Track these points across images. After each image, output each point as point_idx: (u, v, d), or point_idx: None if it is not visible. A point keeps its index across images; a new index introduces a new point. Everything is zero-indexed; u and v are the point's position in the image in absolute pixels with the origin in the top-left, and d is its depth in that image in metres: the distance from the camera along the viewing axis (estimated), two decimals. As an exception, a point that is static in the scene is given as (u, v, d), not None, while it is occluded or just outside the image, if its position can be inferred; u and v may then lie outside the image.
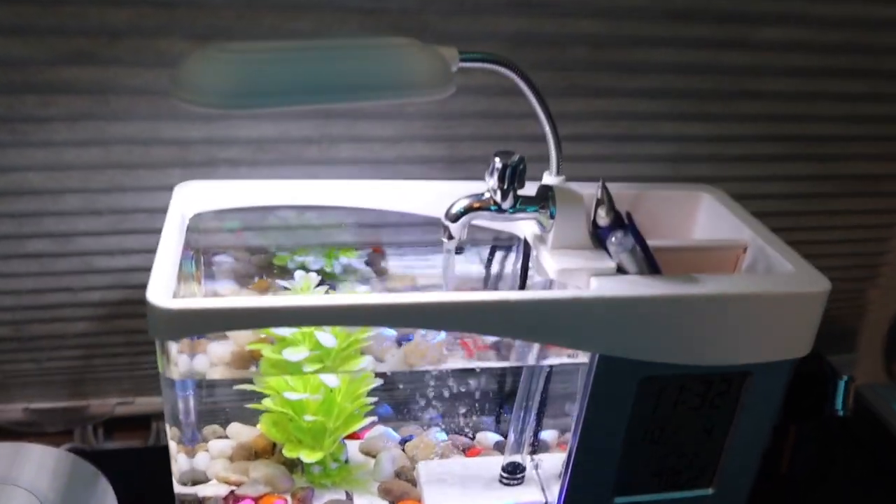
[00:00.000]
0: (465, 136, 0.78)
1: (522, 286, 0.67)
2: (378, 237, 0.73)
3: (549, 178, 0.64)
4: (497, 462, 0.69)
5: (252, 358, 0.59)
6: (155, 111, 0.70)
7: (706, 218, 0.71)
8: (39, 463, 0.69)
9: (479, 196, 0.59)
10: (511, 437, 0.68)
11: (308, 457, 0.64)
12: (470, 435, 0.74)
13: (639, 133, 0.82)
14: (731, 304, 0.56)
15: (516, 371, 0.68)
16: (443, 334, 0.68)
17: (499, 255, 0.71)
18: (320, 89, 0.48)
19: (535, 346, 0.62)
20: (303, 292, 0.64)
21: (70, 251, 0.75)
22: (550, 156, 0.64)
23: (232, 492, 0.65)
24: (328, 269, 0.69)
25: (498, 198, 0.58)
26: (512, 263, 0.71)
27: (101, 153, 0.71)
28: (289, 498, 0.65)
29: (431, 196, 0.68)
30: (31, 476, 0.68)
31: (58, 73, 0.67)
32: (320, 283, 0.66)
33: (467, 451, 0.73)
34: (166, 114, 0.70)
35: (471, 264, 0.71)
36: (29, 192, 0.72)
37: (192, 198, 0.66)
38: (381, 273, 0.72)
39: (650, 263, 0.58)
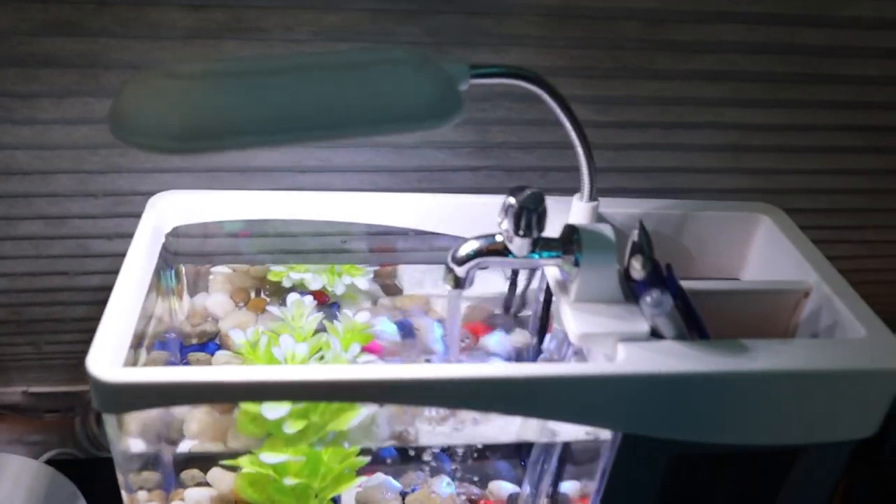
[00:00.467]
0: (495, 119, 0.69)
1: (543, 325, 0.58)
2: (386, 254, 0.66)
3: (580, 205, 0.55)
4: None
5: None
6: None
7: (763, 247, 0.61)
8: (16, 479, 0.65)
9: (490, 239, 0.50)
10: (526, 489, 0.61)
11: None
12: (481, 484, 0.66)
13: (696, 120, 0.72)
14: (786, 381, 0.47)
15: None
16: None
17: (524, 274, 0.63)
18: (293, 125, 0.38)
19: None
20: (295, 322, 0.57)
21: (65, 234, 0.70)
22: (582, 179, 0.55)
23: None
24: (329, 288, 0.62)
25: (513, 246, 0.49)
26: (537, 284, 0.63)
27: (91, 132, 0.65)
28: None
29: (447, 210, 0.60)
30: (5, 495, 0.64)
31: (40, 44, 0.60)
32: (322, 304, 0.59)
33: (478, 503, 0.66)
34: (162, 92, 0.63)
35: (493, 275, 0.64)
36: (17, 173, 0.66)
37: (168, 210, 0.59)
38: (392, 291, 0.65)
39: (692, 325, 0.49)
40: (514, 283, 0.63)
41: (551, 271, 0.53)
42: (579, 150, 0.53)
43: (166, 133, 0.37)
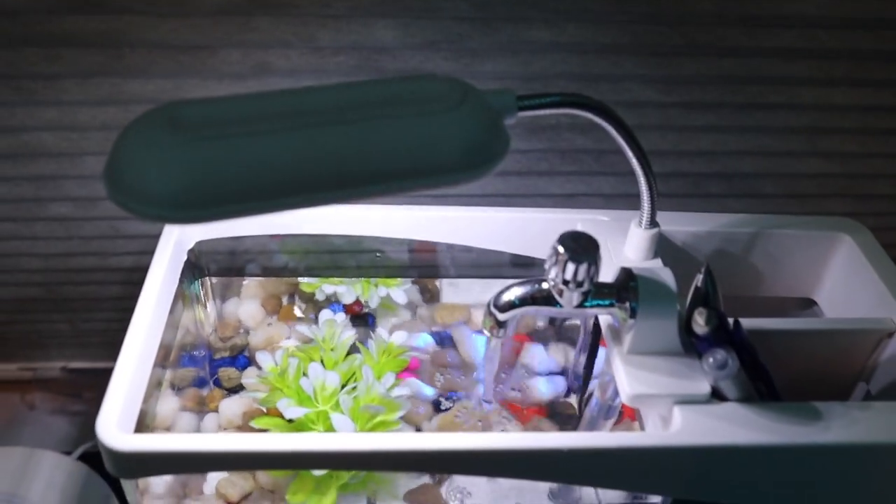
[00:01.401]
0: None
1: (594, 343, 0.54)
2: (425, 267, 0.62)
3: (638, 232, 0.50)
4: None
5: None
6: (176, 67, 0.60)
7: (843, 269, 0.56)
8: (49, 478, 0.65)
9: (536, 286, 0.44)
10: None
11: None
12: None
13: (770, 101, 0.65)
14: (861, 454, 0.42)
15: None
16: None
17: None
18: (308, 187, 0.33)
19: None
20: (326, 343, 0.54)
21: (95, 216, 0.68)
22: (643, 205, 0.50)
23: None
24: (364, 299, 0.58)
25: (562, 298, 0.43)
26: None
27: (118, 113, 0.62)
28: None
29: (487, 226, 0.56)
30: (38, 494, 0.63)
31: (62, 23, 0.56)
32: (357, 316, 0.55)
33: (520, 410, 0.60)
34: (189, 70, 0.59)
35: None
36: (44, 155, 0.63)
37: (190, 227, 0.55)
38: (432, 299, 0.61)
39: (761, 380, 0.44)
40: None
41: (604, 317, 0.48)
42: (641, 179, 0.47)
43: (166, 200, 0.32)
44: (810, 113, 0.67)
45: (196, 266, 0.57)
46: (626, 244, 0.51)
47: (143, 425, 0.44)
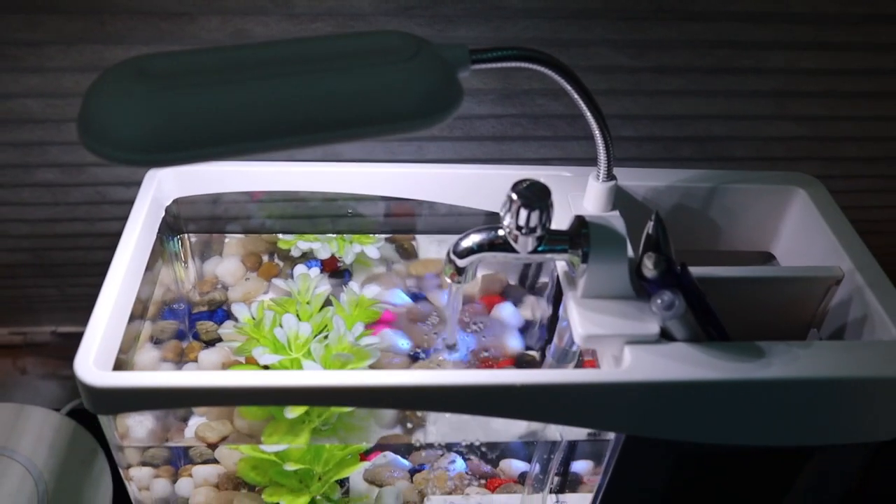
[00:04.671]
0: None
1: (558, 297, 0.56)
2: (399, 222, 0.63)
3: (595, 185, 0.52)
4: (517, 501, 0.60)
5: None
6: (157, 34, 0.61)
7: (797, 222, 0.57)
8: (38, 432, 0.67)
9: (493, 233, 0.46)
10: (535, 467, 0.59)
11: (290, 503, 0.55)
12: (493, 463, 0.65)
13: (738, 65, 0.67)
14: (804, 388, 0.44)
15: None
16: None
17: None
18: (271, 133, 0.35)
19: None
20: (301, 296, 0.56)
21: (81, 182, 0.69)
22: (599, 158, 0.51)
23: None
24: (338, 256, 0.60)
25: (517, 244, 0.45)
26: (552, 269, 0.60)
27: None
28: None
29: (458, 183, 0.57)
30: (28, 448, 0.65)
31: (42, -11, 0.58)
32: (334, 272, 0.57)
33: (488, 481, 0.64)
34: (169, 36, 0.61)
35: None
36: (29, 121, 0.65)
37: (167, 183, 0.57)
38: (408, 256, 0.62)
39: (709, 323, 0.46)
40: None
41: (560, 263, 0.50)
42: (595, 130, 0.49)
43: (136, 145, 0.34)
44: (778, 77, 0.68)
45: (175, 224, 0.59)
46: (584, 197, 0.53)
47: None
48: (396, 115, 0.37)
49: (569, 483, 0.61)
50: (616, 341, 0.45)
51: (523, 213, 0.43)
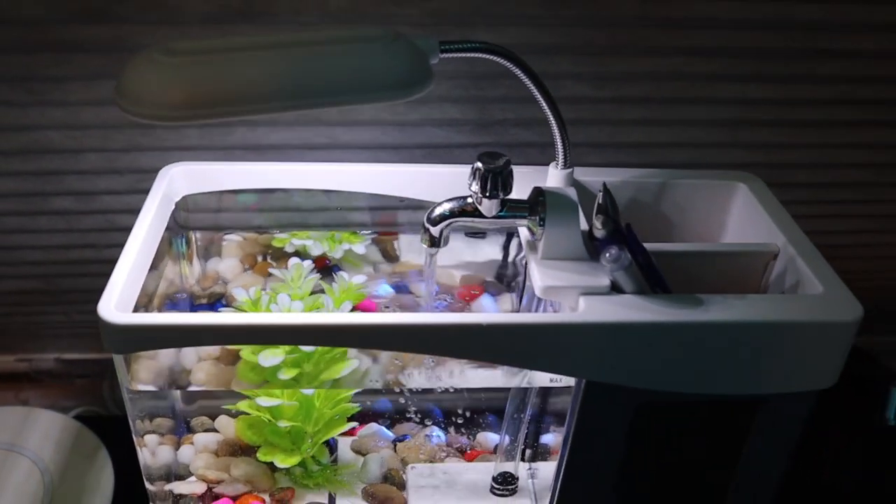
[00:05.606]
0: (495, 97, 0.72)
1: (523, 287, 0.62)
2: (386, 222, 0.70)
3: (555, 172, 0.58)
4: (492, 469, 0.66)
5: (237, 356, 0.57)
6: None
7: (740, 213, 0.63)
8: (45, 431, 0.71)
9: (462, 200, 0.54)
10: (505, 439, 0.64)
11: (282, 462, 0.61)
12: (471, 436, 0.71)
13: (692, 95, 0.74)
14: (741, 332, 0.50)
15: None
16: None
17: (516, 241, 0.66)
18: (274, 96, 0.44)
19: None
20: (293, 282, 0.61)
21: (93, 209, 0.75)
22: (556, 147, 0.58)
23: (210, 489, 0.63)
24: (329, 254, 0.66)
25: (482, 207, 0.52)
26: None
27: (118, 112, 0.68)
28: (268, 498, 0.63)
29: (447, 180, 0.63)
30: (36, 444, 0.70)
31: (71, 31, 0.65)
32: (324, 268, 0.63)
33: (466, 453, 0.70)
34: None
35: (490, 246, 0.67)
36: (50, 151, 0.71)
37: (178, 180, 0.64)
38: (391, 258, 0.69)
39: (653, 280, 0.51)
40: (507, 252, 0.67)
41: (523, 232, 0.56)
42: (552, 120, 0.56)
43: (163, 104, 0.43)
44: (729, 107, 0.75)
45: (182, 223, 0.65)
46: (546, 184, 0.60)
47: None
48: (377, 87, 0.46)
49: (539, 453, 0.65)
50: (571, 292, 0.51)
51: (487, 177, 0.51)
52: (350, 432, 0.69)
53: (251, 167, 0.64)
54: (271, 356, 0.54)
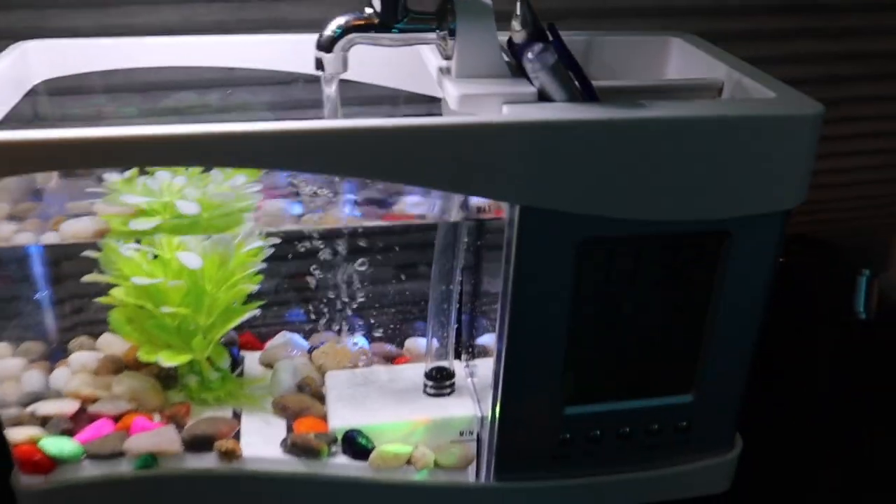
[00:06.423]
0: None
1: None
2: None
3: None
4: (420, 368, 0.57)
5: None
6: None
7: (678, 64, 0.58)
8: None
9: (358, 13, 0.47)
10: (434, 343, 0.55)
11: (168, 360, 0.50)
12: (399, 344, 0.62)
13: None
14: (690, 131, 0.42)
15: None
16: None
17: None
18: None
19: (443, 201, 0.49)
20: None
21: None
22: None
23: (83, 409, 0.53)
24: None
25: (378, 7, 0.45)
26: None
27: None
28: (157, 417, 0.53)
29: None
30: None
31: None
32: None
33: (393, 360, 0.61)
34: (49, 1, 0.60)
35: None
36: None
37: (34, 61, 0.54)
38: None
39: (583, 88, 0.45)
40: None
41: (431, 61, 0.49)
42: None
43: None
44: None
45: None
46: None
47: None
48: None
49: (477, 354, 0.57)
50: (493, 101, 0.43)
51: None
52: (258, 346, 0.59)
53: (111, 44, 0.56)
54: (147, 222, 0.45)
